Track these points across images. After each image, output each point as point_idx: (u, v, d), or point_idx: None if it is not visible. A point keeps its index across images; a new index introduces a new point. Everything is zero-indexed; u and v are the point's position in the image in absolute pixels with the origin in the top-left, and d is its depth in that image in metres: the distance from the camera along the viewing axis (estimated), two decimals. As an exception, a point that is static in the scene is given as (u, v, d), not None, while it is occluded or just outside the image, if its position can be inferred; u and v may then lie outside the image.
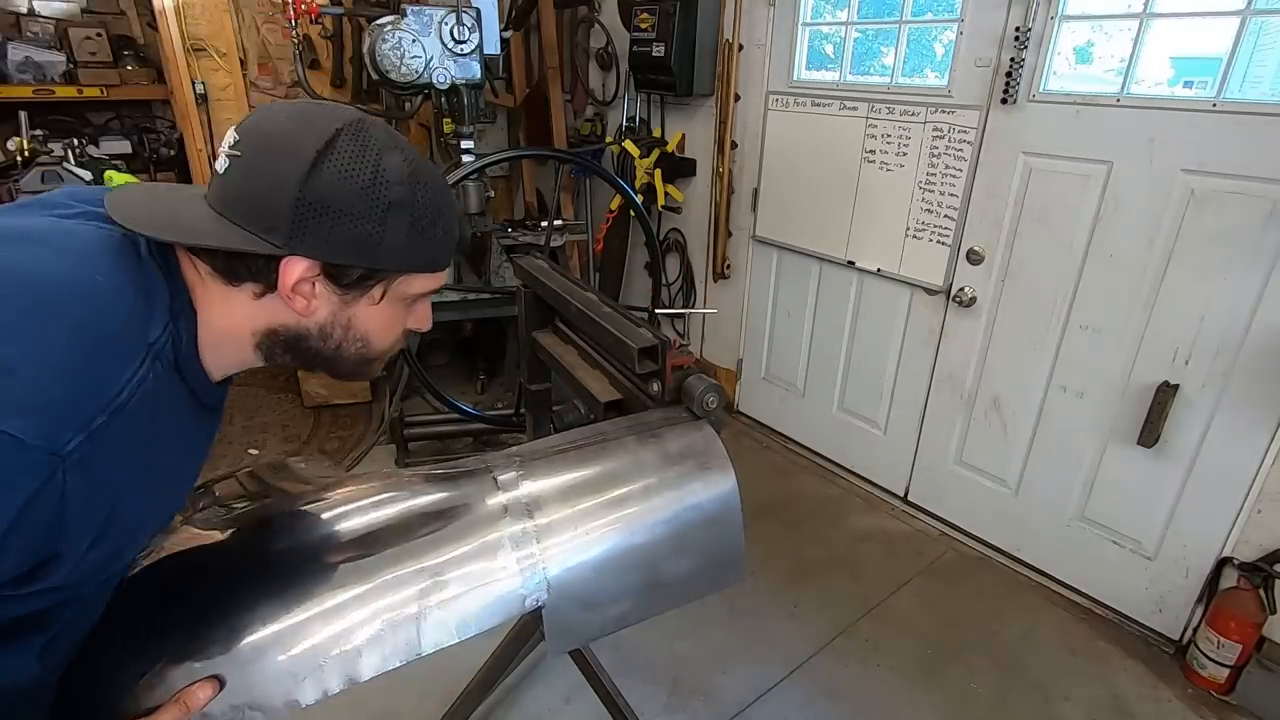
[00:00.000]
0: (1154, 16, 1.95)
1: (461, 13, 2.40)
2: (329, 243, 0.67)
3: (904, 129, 2.55)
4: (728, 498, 0.95)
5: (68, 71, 3.38)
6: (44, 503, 0.55)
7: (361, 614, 0.77)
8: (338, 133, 0.67)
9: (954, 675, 2.13)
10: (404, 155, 0.70)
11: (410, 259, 0.73)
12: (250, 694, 0.73)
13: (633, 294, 4.07)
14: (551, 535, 0.86)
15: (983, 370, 2.55)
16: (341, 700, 2.27)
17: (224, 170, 0.68)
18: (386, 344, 0.80)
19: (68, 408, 0.56)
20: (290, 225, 0.65)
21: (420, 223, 0.71)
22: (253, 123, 0.69)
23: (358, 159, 0.67)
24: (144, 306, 0.64)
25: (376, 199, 0.67)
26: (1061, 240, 2.23)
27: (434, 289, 0.79)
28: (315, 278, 0.69)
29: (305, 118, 0.68)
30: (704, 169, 3.38)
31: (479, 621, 0.82)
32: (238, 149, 0.67)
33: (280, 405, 3.53)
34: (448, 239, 0.76)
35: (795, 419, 3.33)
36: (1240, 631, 1.97)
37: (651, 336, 1.14)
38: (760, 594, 2.39)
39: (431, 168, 0.74)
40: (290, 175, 0.65)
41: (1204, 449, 2.04)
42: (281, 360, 0.75)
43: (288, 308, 0.70)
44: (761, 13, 2.94)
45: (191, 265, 0.69)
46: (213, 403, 0.75)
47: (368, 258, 0.70)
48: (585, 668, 1.77)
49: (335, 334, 0.74)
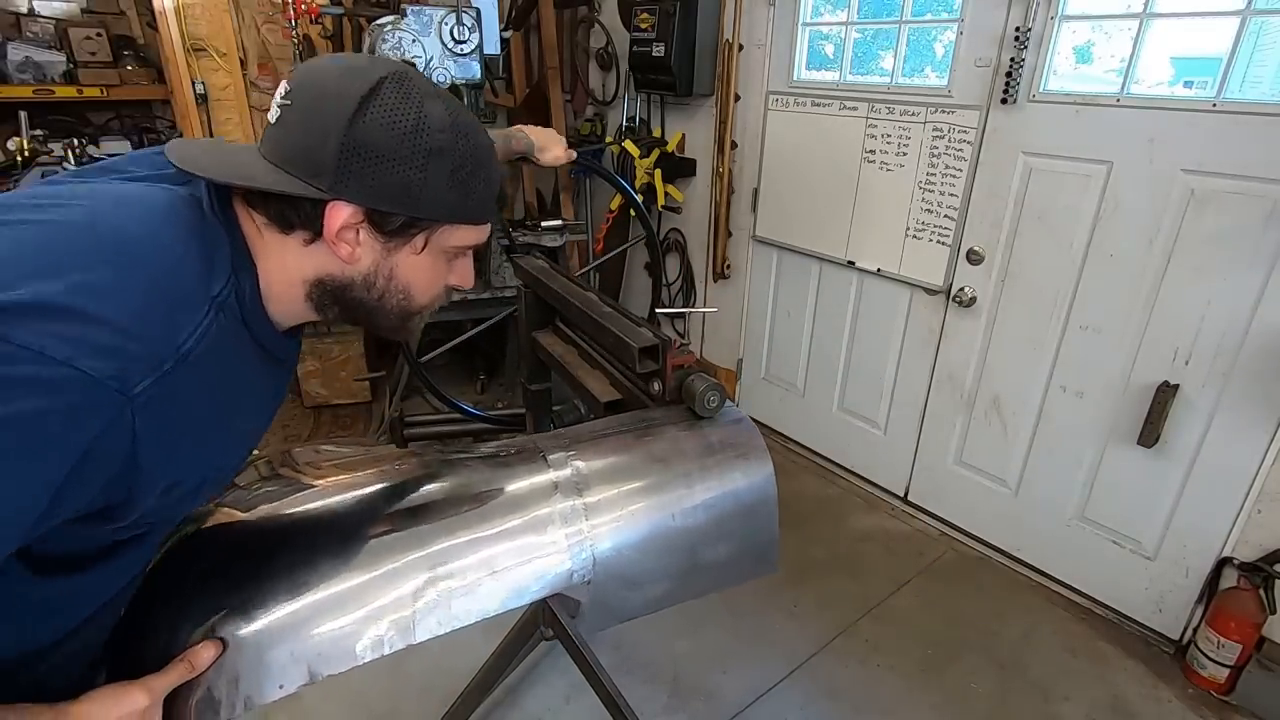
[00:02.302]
0: (1154, 16, 1.95)
1: (461, 13, 2.40)
2: (373, 188, 0.69)
3: (904, 129, 2.55)
4: (765, 488, 0.98)
5: (68, 71, 3.37)
6: (116, 439, 0.58)
7: (418, 580, 0.80)
8: (381, 81, 0.68)
9: (954, 675, 2.13)
10: (446, 105, 0.72)
11: (452, 208, 0.74)
12: (313, 650, 0.75)
13: (633, 294, 4.07)
14: (599, 513, 0.89)
15: (983, 370, 2.55)
16: (343, 699, 2.26)
17: (275, 120, 0.70)
18: (428, 298, 0.81)
19: (139, 352, 0.59)
20: (336, 170, 0.67)
21: (461, 171, 0.72)
22: (302, 73, 0.71)
23: (401, 105, 0.68)
24: (208, 261, 0.67)
25: (419, 145, 0.69)
26: (1061, 240, 2.24)
27: (476, 243, 0.80)
28: (359, 224, 0.71)
29: (351, 68, 0.70)
30: (704, 169, 3.38)
31: (528, 592, 0.85)
32: (288, 98, 0.70)
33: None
34: (489, 190, 0.77)
35: (795, 419, 3.33)
36: (1240, 631, 1.97)
37: (652, 336, 1.14)
38: (760, 594, 2.39)
39: (474, 119, 0.75)
40: (336, 121, 0.67)
41: (1204, 449, 2.04)
42: (330, 312, 0.77)
43: (333, 255, 0.72)
44: (761, 13, 2.94)
45: (249, 217, 0.72)
46: (281, 354, 0.78)
47: (410, 205, 0.71)
48: (585, 667, 1.76)
49: (379, 283, 0.76)
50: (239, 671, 0.73)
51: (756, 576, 1.02)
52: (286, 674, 0.74)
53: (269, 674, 0.74)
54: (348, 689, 1.96)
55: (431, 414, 3.14)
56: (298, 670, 0.75)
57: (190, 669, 0.71)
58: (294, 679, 0.75)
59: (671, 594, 0.96)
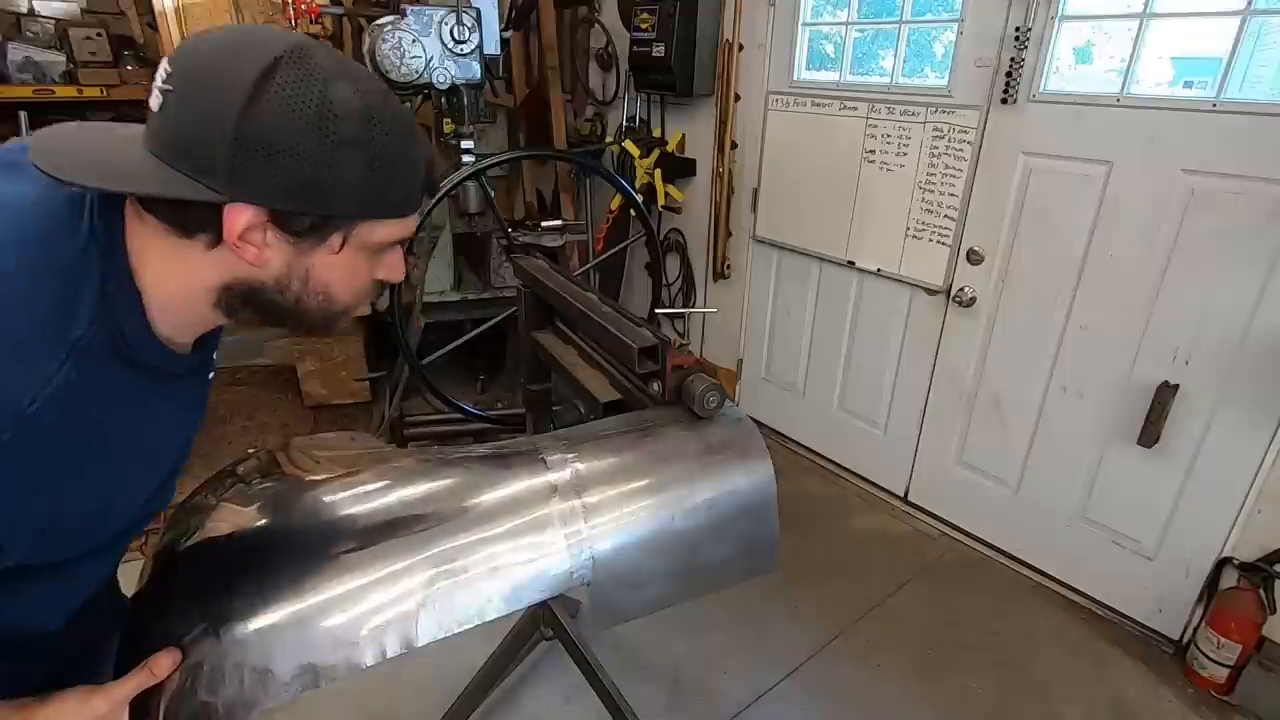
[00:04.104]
0: (1154, 17, 1.95)
1: (461, 13, 2.40)
2: (273, 187, 0.60)
3: (904, 129, 2.55)
4: (765, 489, 0.99)
5: (68, 71, 3.38)
6: None
7: (417, 580, 0.80)
8: (276, 61, 0.58)
9: (954, 675, 2.13)
10: (355, 85, 0.62)
11: (369, 204, 0.65)
12: (314, 654, 0.75)
13: (633, 294, 4.07)
14: (598, 514, 0.89)
15: (983, 370, 2.55)
16: (342, 700, 2.25)
17: (158, 108, 0.60)
18: (351, 297, 0.73)
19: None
20: (230, 168, 0.58)
21: (377, 161, 0.63)
22: (184, 52, 0.61)
23: (301, 89, 0.59)
24: (70, 297, 0.59)
25: (325, 135, 0.60)
26: (1061, 240, 2.23)
27: (402, 237, 0.72)
28: (264, 225, 0.62)
29: (240, 45, 0.60)
30: (704, 169, 3.38)
31: (527, 594, 0.85)
32: (169, 83, 0.59)
33: (280, 405, 3.53)
34: (412, 179, 0.68)
35: (795, 419, 3.33)
36: (1240, 631, 1.97)
37: (652, 336, 1.14)
38: (760, 594, 2.39)
39: (391, 98, 0.66)
40: (225, 111, 0.57)
41: (1204, 449, 2.04)
42: (243, 315, 0.69)
43: (239, 258, 0.64)
44: (761, 13, 2.94)
45: (138, 220, 0.63)
46: (183, 370, 0.72)
47: (320, 203, 0.62)
48: (585, 668, 1.77)
49: (293, 286, 0.67)
50: (243, 673, 0.73)
51: (755, 576, 1.02)
52: (286, 676, 0.74)
53: (268, 677, 0.73)
54: (345, 690, 1.96)
55: (431, 414, 3.15)
56: (297, 673, 0.74)
57: (150, 676, 0.69)
58: (294, 684, 0.74)
59: (671, 594, 0.96)
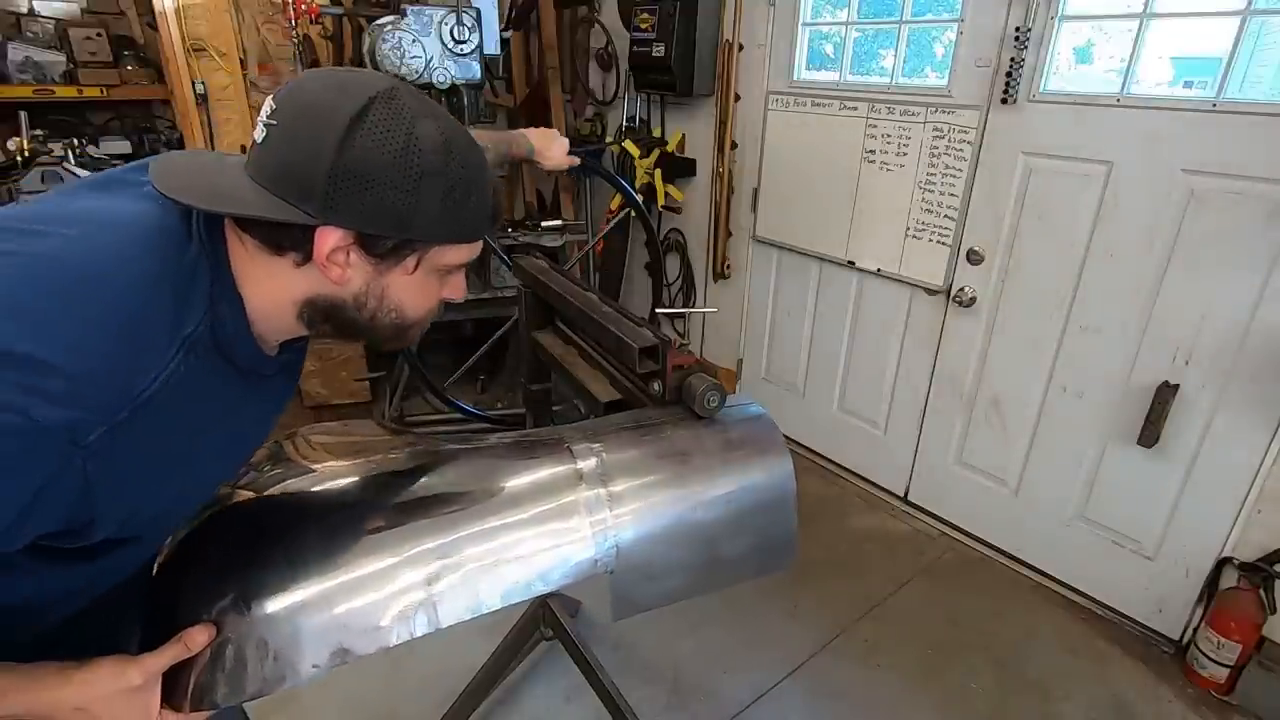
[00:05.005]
0: (1154, 16, 1.95)
1: (461, 13, 2.40)
2: (362, 212, 0.68)
3: (904, 129, 2.55)
4: (784, 485, 1.00)
5: (68, 71, 3.38)
6: (66, 484, 0.59)
7: (444, 563, 0.81)
8: (371, 100, 0.67)
9: (954, 675, 2.13)
10: (438, 124, 0.70)
11: (444, 229, 0.73)
12: (341, 632, 0.77)
13: (633, 294, 4.07)
14: (623, 504, 0.90)
15: (983, 370, 2.55)
16: (341, 700, 2.25)
17: (261, 140, 0.69)
18: (421, 313, 0.81)
19: (93, 401, 0.59)
20: (325, 195, 0.66)
21: (454, 193, 0.71)
22: (288, 91, 0.70)
23: (391, 127, 0.67)
24: (182, 298, 0.66)
25: (409, 168, 0.68)
26: (1061, 240, 2.23)
27: (469, 260, 0.80)
28: (349, 247, 0.70)
29: (339, 86, 0.69)
30: (704, 169, 3.38)
31: (552, 579, 0.86)
32: (274, 118, 0.68)
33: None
34: (482, 209, 0.76)
35: (795, 419, 3.33)
36: (1240, 631, 1.97)
37: (652, 336, 1.14)
38: (760, 594, 2.39)
39: (467, 137, 0.74)
40: (324, 145, 0.66)
41: (1204, 449, 2.04)
42: (321, 329, 0.77)
43: (324, 277, 0.72)
44: (761, 13, 2.94)
45: (237, 238, 0.71)
46: (271, 370, 0.79)
47: (401, 228, 0.70)
48: (585, 668, 1.77)
49: (370, 303, 0.75)
50: (274, 648, 0.75)
51: (773, 572, 1.03)
52: (316, 653, 0.76)
53: (298, 653, 0.75)
54: (346, 689, 1.96)
55: (431, 414, 3.15)
56: (327, 650, 0.76)
57: (185, 649, 0.72)
58: (324, 659, 0.76)
59: (688, 587, 0.98)
